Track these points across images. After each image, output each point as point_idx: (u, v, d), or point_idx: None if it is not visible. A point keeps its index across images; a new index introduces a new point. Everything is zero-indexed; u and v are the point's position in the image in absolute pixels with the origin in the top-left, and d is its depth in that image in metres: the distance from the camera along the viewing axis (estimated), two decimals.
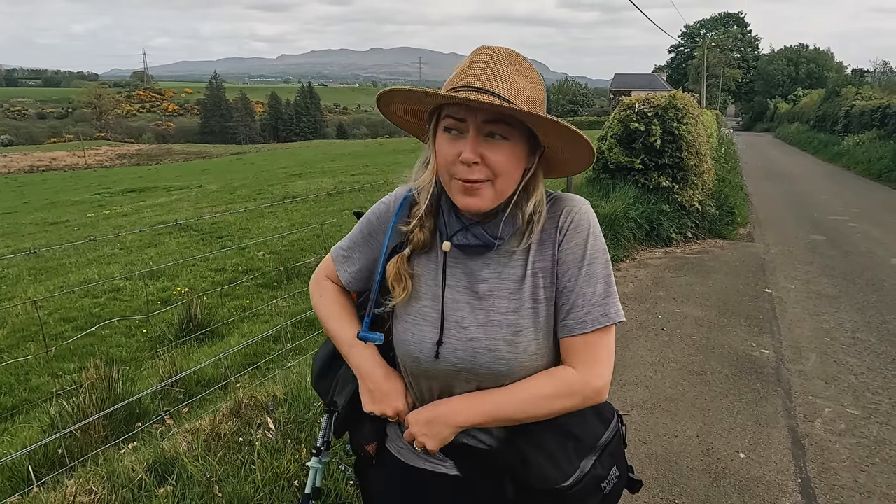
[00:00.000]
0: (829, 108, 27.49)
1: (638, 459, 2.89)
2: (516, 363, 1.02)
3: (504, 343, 1.02)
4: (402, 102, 1.06)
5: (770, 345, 4.32)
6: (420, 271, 1.09)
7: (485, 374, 1.03)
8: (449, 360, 1.04)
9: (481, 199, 0.99)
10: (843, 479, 2.74)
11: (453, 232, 1.05)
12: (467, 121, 0.97)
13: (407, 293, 1.08)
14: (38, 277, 8.05)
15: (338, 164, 24.70)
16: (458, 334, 1.04)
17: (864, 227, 8.83)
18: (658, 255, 6.99)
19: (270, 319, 5.22)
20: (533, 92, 0.99)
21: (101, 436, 2.79)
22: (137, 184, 23.89)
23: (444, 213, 1.07)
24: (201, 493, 2.13)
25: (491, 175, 0.98)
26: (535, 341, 1.03)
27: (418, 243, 1.08)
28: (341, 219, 9.46)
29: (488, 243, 1.03)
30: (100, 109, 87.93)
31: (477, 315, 1.04)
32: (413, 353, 1.07)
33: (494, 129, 0.97)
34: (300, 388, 2.87)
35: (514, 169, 1.00)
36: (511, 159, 0.99)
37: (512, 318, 1.03)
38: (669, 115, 7.47)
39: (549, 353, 1.06)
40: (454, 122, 0.98)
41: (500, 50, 1.00)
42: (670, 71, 69.09)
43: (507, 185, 1.01)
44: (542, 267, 1.05)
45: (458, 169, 0.98)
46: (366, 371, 1.12)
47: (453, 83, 0.98)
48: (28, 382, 4.49)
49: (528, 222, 1.04)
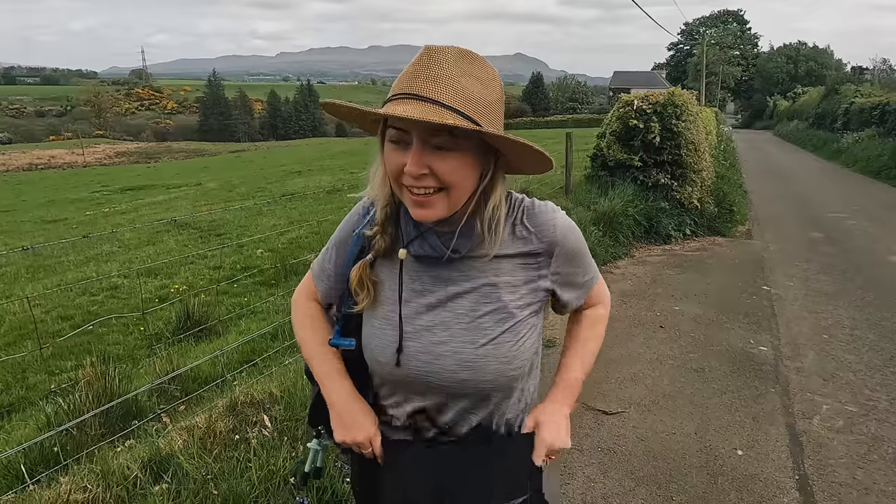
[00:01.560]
0: (829, 105, 27.44)
1: (636, 457, 2.88)
2: (481, 367, 1.01)
3: (469, 345, 1.01)
4: (348, 115, 1.02)
5: (768, 342, 4.32)
6: (383, 277, 1.08)
7: (448, 380, 1.02)
8: (411, 365, 1.04)
9: (434, 210, 0.96)
10: (841, 476, 2.74)
11: (410, 239, 1.04)
12: (411, 132, 0.92)
13: (370, 299, 1.07)
14: (36, 275, 8.04)
15: (337, 162, 24.70)
16: (419, 340, 1.03)
17: (863, 224, 8.82)
18: (657, 253, 6.98)
19: (268, 317, 5.21)
20: (482, 94, 0.93)
21: (98, 433, 2.78)
22: (136, 182, 23.86)
23: (402, 220, 1.05)
24: (196, 491, 2.12)
25: (441, 184, 0.94)
26: (496, 346, 1.02)
27: (380, 249, 1.07)
28: (340, 217, 9.43)
29: (443, 254, 1.01)
30: (98, 107, 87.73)
31: (437, 321, 1.03)
32: (377, 359, 1.07)
33: (439, 142, 0.91)
34: (297, 386, 2.86)
35: (467, 177, 0.96)
36: (460, 168, 0.94)
37: (479, 320, 1.02)
38: (668, 113, 7.45)
39: (513, 358, 1.04)
40: (397, 134, 0.94)
41: (447, 50, 0.94)
42: (670, 68, 69.06)
43: (461, 193, 0.97)
44: (509, 281, 1.04)
45: (406, 179, 0.94)
46: (335, 400, 1.12)
47: (396, 89, 0.94)
48: (25, 380, 4.48)
49: (489, 228, 1.01)
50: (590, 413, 3.30)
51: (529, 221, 1.06)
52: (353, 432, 1.10)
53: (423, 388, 1.05)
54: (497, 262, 1.04)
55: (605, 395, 3.49)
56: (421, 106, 0.89)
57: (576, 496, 2.59)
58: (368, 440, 1.10)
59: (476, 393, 1.04)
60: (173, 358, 3.76)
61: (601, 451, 2.93)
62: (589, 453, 2.92)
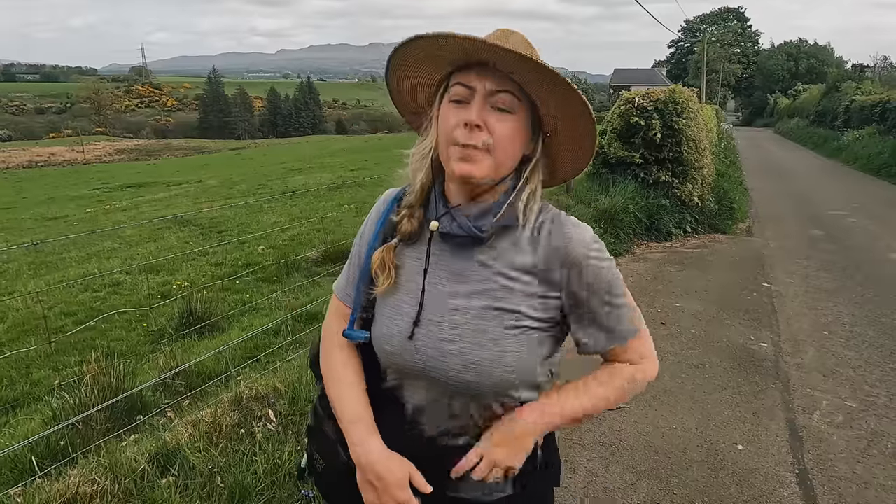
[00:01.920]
0: (829, 103, 27.44)
1: (637, 451, 2.91)
2: (487, 371, 0.99)
3: (476, 348, 0.99)
4: (415, 68, 1.04)
5: (769, 338, 4.34)
6: (405, 262, 1.07)
7: (454, 378, 1.00)
8: (418, 356, 1.02)
9: (477, 167, 0.97)
10: (841, 471, 2.76)
11: (440, 215, 1.04)
12: (475, 89, 0.97)
13: (390, 281, 1.06)
14: (38, 272, 8.06)
15: (337, 160, 24.68)
16: (430, 332, 1.01)
17: (863, 222, 8.84)
18: (657, 250, 7.00)
19: (271, 313, 5.23)
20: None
21: (103, 428, 2.80)
22: (136, 179, 23.87)
23: (434, 199, 1.05)
24: (203, 484, 2.15)
25: (490, 145, 0.96)
26: (510, 353, 0.99)
27: (406, 233, 1.06)
28: (340, 213, 9.48)
29: (472, 235, 1.00)
30: (98, 104, 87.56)
31: (454, 315, 1.01)
32: (384, 346, 1.06)
33: (501, 101, 0.97)
34: (301, 381, 2.88)
35: (514, 143, 0.99)
36: (513, 132, 0.98)
37: (490, 324, 0.99)
38: (669, 110, 7.46)
39: (519, 369, 1.01)
40: (463, 91, 0.98)
41: (517, 32, 1.02)
42: (670, 66, 68.94)
43: (505, 158, 0.99)
44: (524, 289, 1.01)
45: (459, 133, 0.96)
46: (365, 462, 1.04)
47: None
48: (29, 376, 4.50)
49: (518, 210, 1.01)
50: None
51: (551, 229, 1.04)
52: (385, 498, 1.02)
53: (426, 382, 1.04)
54: (514, 267, 1.02)
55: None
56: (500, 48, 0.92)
57: (578, 490, 2.62)
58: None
59: (479, 394, 1.02)
60: (177, 353, 3.79)
61: (603, 446, 2.96)
62: (591, 448, 2.94)
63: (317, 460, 1.16)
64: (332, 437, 1.12)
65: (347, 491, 1.09)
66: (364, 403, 1.09)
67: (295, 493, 2.27)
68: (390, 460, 1.03)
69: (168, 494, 2.06)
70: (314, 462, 1.17)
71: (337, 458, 1.11)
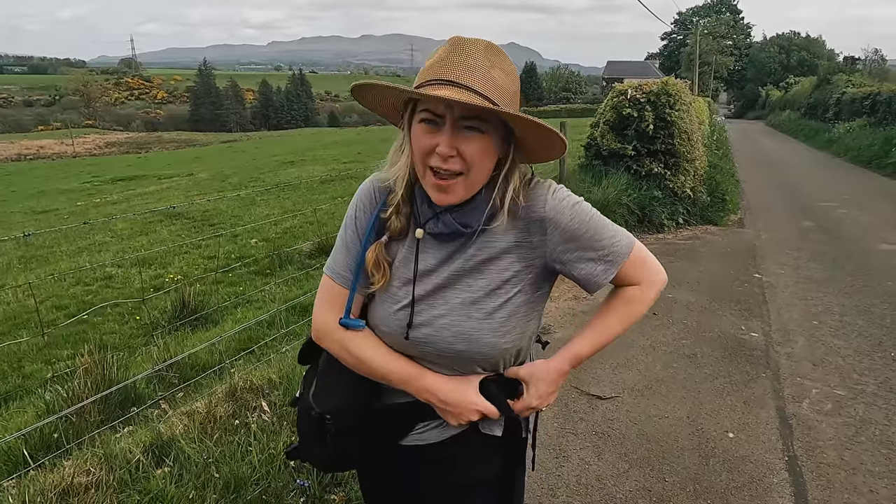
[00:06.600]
0: (821, 95, 27.54)
1: (629, 440, 2.94)
2: (476, 339, 1.07)
3: (465, 318, 1.07)
4: (377, 95, 1.08)
5: (759, 328, 4.38)
6: (396, 257, 1.13)
7: (446, 350, 1.09)
8: (418, 338, 1.10)
9: (454, 195, 1.04)
10: (830, 457, 2.80)
11: (426, 219, 1.09)
12: (444, 116, 0.99)
13: (385, 279, 1.12)
14: (29, 265, 8.00)
15: (329, 152, 24.58)
16: (426, 316, 1.09)
17: (853, 213, 8.91)
18: (650, 241, 7.02)
19: (264, 305, 5.23)
20: (508, 85, 1.02)
21: (97, 420, 2.80)
22: (127, 172, 23.66)
23: (418, 201, 1.10)
24: (198, 474, 2.15)
25: (465, 167, 1.01)
26: (490, 320, 1.08)
27: (395, 230, 1.12)
28: (333, 206, 9.44)
29: (457, 231, 1.07)
30: (88, 97, 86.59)
31: (438, 296, 1.09)
32: (381, 328, 1.13)
33: (471, 124, 1.00)
34: (295, 372, 2.89)
35: (487, 160, 1.04)
36: (485, 151, 1.02)
37: (477, 295, 1.08)
38: (662, 102, 7.48)
39: (516, 334, 1.11)
40: (431, 115, 1.01)
41: (476, 42, 1.02)
42: (663, 58, 69.02)
43: (480, 176, 1.05)
44: (506, 258, 1.09)
45: (433, 159, 1.01)
46: (433, 387, 1.11)
47: (427, 76, 1.01)
48: (21, 369, 4.48)
49: (502, 205, 1.07)
50: (584, 398, 3.35)
51: (524, 199, 1.09)
52: (465, 413, 1.12)
53: (421, 356, 1.12)
54: (495, 239, 1.09)
55: (599, 380, 3.54)
56: (459, 92, 0.97)
57: (570, 477, 2.64)
58: (482, 412, 1.12)
59: (470, 362, 1.11)
60: (170, 346, 3.78)
61: (595, 435, 2.98)
62: (583, 436, 2.97)
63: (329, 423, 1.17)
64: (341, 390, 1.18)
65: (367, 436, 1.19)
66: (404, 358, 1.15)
67: (291, 484, 2.28)
68: (445, 379, 1.13)
69: (163, 484, 2.06)
70: (327, 425, 1.18)
71: (357, 397, 1.17)
